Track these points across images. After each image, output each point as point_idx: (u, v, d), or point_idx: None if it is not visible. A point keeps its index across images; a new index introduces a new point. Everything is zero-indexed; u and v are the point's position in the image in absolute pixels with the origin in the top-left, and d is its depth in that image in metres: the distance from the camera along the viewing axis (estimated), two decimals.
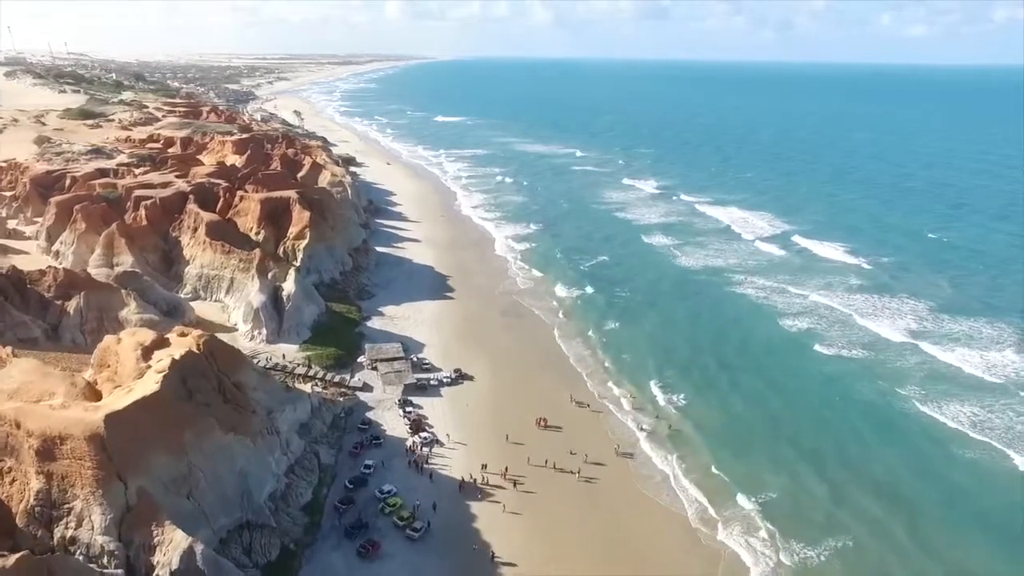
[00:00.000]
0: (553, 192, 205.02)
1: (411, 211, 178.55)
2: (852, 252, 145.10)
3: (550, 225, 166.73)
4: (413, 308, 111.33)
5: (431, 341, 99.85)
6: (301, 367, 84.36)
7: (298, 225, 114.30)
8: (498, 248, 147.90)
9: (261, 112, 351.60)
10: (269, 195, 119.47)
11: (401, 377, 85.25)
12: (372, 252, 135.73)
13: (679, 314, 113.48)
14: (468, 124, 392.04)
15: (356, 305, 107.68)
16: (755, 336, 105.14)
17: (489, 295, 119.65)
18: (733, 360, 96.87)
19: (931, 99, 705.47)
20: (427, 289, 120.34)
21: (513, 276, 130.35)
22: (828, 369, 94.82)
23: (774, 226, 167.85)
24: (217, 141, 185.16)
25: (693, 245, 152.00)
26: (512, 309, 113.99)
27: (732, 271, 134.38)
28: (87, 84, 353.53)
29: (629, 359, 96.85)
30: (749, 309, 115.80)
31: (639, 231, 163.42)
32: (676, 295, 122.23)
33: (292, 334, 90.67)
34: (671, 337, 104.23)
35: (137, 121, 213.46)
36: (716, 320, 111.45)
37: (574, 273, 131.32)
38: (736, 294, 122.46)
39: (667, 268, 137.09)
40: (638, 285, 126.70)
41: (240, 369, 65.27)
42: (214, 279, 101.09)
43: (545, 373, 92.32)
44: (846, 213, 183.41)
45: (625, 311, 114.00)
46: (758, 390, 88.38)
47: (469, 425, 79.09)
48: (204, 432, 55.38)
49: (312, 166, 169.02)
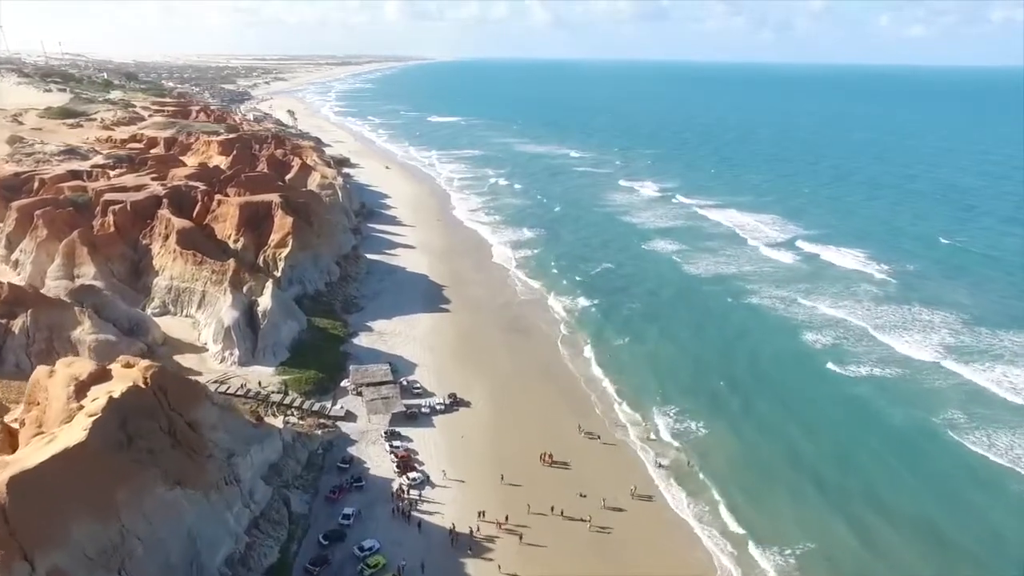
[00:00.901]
0: (552, 195, 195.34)
1: (406, 215, 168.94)
2: (862, 259, 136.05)
3: (549, 230, 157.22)
4: (404, 322, 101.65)
5: (423, 361, 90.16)
6: (276, 394, 74.72)
7: (280, 232, 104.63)
8: (496, 255, 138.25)
9: (255, 112, 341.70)
10: (249, 199, 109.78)
11: (389, 405, 75.59)
12: (362, 260, 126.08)
13: (688, 328, 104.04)
14: (467, 124, 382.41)
15: (342, 320, 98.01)
16: (767, 353, 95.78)
17: (487, 308, 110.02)
18: (747, 382, 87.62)
19: (930, 100, 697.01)
20: (420, 301, 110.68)
21: (512, 286, 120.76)
22: (848, 392, 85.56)
23: (779, 231, 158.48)
24: (202, 141, 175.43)
25: (698, 251, 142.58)
26: (512, 324, 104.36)
27: (739, 280, 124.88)
28: (75, 83, 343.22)
29: (640, 381, 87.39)
30: (759, 322, 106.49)
31: (641, 236, 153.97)
32: (684, 306, 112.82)
33: (268, 355, 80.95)
34: (682, 355, 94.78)
35: (120, 120, 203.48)
36: (726, 335, 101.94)
37: (577, 282, 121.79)
38: (745, 305, 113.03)
39: (673, 276, 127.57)
40: (644, 295, 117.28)
41: (196, 405, 55.60)
42: (184, 292, 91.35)
43: (550, 398, 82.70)
44: (852, 216, 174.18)
45: (633, 325, 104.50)
46: (775, 417, 79.29)
47: (465, 461, 69.48)
48: (143, 488, 45.76)
49: (301, 168, 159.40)
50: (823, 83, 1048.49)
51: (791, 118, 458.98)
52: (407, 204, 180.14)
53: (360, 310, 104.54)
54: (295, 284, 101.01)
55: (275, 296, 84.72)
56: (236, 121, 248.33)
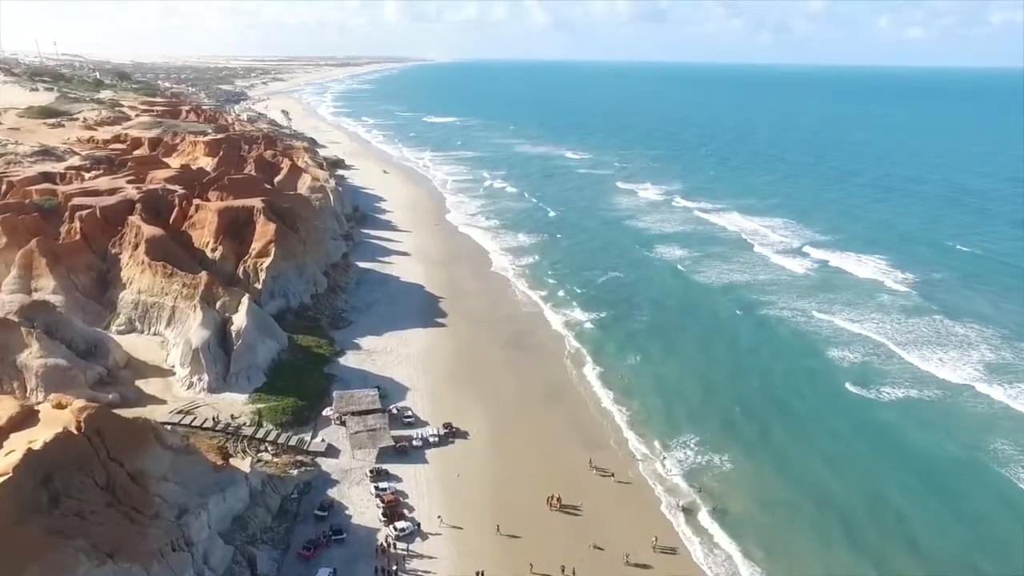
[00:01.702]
0: (551, 198, 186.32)
1: (402, 219, 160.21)
2: (876, 266, 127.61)
3: (549, 235, 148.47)
4: (397, 339, 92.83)
5: (416, 384, 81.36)
6: (248, 426, 65.99)
7: (262, 240, 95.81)
8: (495, 263, 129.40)
9: (249, 112, 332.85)
10: (229, 204, 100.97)
11: (376, 438, 66.80)
12: (353, 268, 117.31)
13: (699, 344, 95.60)
14: (465, 125, 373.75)
15: (328, 337, 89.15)
16: (784, 374, 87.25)
17: (487, 321, 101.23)
18: (765, 407, 79.31)
19: (929, 101, 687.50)
20: (415, 314, 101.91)
21: (513, 297, 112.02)
22: (874, 418, 77.13)
23: (785, 235, 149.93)
24: (188, 142, 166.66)
25: (704, 258, 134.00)
26: (514, 339, 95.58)
27: (749, 290, 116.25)
28: (65, 82, 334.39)
29: (653, 405, 78.86)
30: (773, 338, 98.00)
31: (644, 242, 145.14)
32: (693, 320, 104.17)
33: (241, 380, 72.15)
34: (695, 375, 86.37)
35: (104, 120, 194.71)
36: (739, 352, 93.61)
37: (580, 293, 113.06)
38: (757, 319, 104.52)
39: (680, 286, 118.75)
40: (651, 307, 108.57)
41: (143, 451, 46.88)
42: (153, 308, 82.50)
43: (556, 426, 73.96)
44: (859, 220, 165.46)
45: (642, 341, 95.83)
46: (798, 450, 71.02)
47: (461, 504, 60.74)
48: (62, 567, 37.04)
49: (291, 169, 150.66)
50: (822, 84, 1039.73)
51: (790, 118, 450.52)
52: (403, 207, 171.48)
53: (349, 325, 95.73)
54: (277, 297, 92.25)
55: (251, 313, 75.94)
56: (228, 121, 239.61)
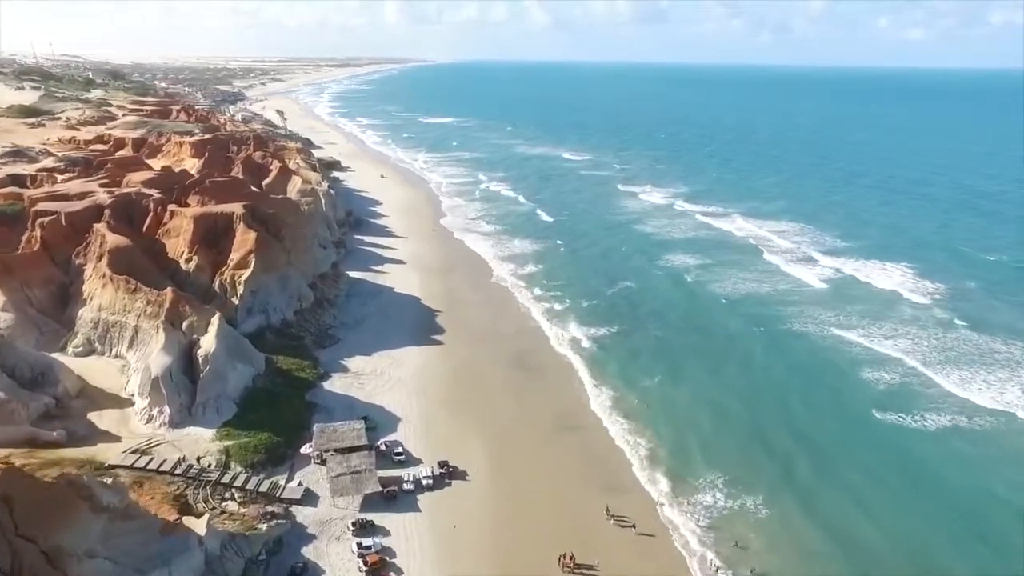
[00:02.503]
0: (552, 201, 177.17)
1: (397, 224, 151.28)
2: (891, 276, 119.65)
3: (551, 242, 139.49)
4: (388, 359, 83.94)
5: (409, 412, 72.50)
6: (214, 468, 57.14)
7: (241, 249, 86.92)
8: (495, 271, 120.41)
9: (243, 113, 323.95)
10: (206, 211, 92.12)
11: (360, 482, 57.90)
12: (343, 279, 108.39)
13: (719, 364, 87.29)
14: (464, 126, 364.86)
15: (312, 358, 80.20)
16: (807, 398, 79.27)
17: (487, 338, 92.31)
18: (792, 438, 71.24)
19: (930, 101, 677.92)
20: (409, 330, 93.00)
21: (515, 310, 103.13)
22: (914, 453, 69.20)
23: (795, 242, 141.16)
24: (174, 143, 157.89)
25: (715, 267, 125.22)
26: (517, 359, 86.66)
27: (763, 303, 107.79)
28: (55, 82, 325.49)
29: (674, 436, 70.57)
30: (792, 357, 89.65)
31: (651, 249, 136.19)
32: (710, 336, 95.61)
33: (209, 412, 63.26)
34: (717, 400, 78.15)
35: (87, 120, 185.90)
36: (761, 374, 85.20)
37: (588, 306, 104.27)
38: (774, 335, 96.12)
39: (693, 299, 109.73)
40: (664, 321, 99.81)
41: (66, 521, 38.05)
42: (114, 327, 73.63)
43: (567, 463, 65.13)
44: (868, 225, 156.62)
45: (659, 360, 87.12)
46: (832, 492, 62.47)
47: (458, 564, 51.93)
48: None
49: (280, 171, 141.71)
50: (822, 85, 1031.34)
51: (791, 119, 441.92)
52: (399, 211, 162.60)
53: (336, 343, 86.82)
54: (256, 314, 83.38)
55: (222, 335, 67.07)
56: (220, 122, 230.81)
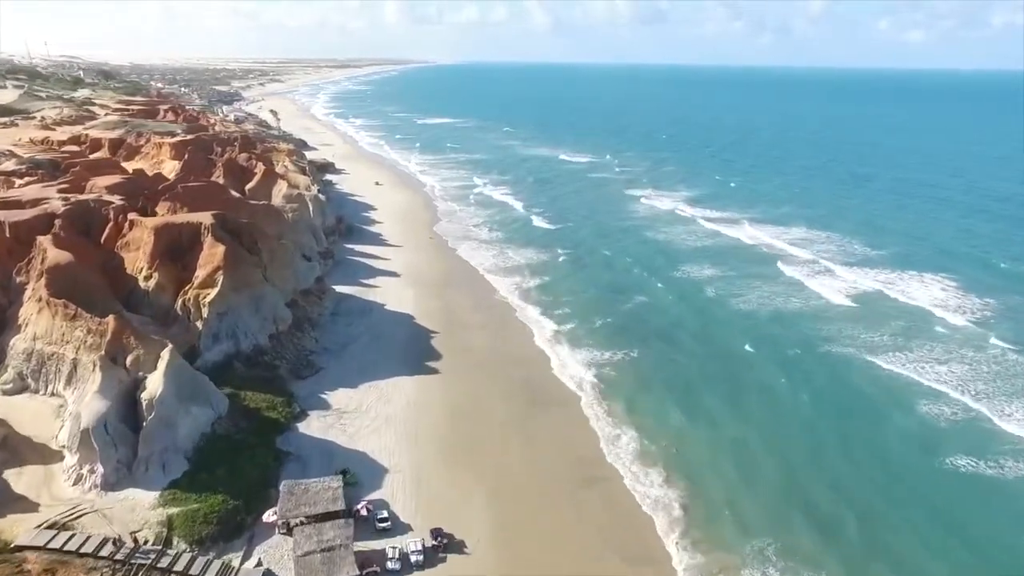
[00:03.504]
0: (556, 207, 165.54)
1: (392, 231, 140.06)
2: (922, 291, 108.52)
3: (556, 251, 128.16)
4: (376, 392, 72.78)
5: (398, 461, 61.31)
6: (151, 545, 45.91)
7: (207, 266, 75.75)
8: (497, 286, 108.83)
9: (236, 113, 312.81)
10: (169, 221, 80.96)
11: (333, 562, 46.66)
12: (329, 295, 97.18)
13: (750, 396, 76.56)
14: (464, 127, 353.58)
15: (286, 392, 69.05)
16: (858, 440, 68.21)
17: (489, 365, 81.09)
18: (846, 491, 59.94)
19: (932, 102, 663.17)
20: (400, 356, 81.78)
21: (519, 331, 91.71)
22: (1000, 509, 57.52)
23: (812, 252, 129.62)
24: (153, 144, 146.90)
25: (731, 280, 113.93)
26: (524, 390, 75.42)
27: (787, 322, 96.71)
28: (43, 81, 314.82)
29: (713, 491, 59.56)
30: (832, 388, 78.68)
31: (663, 260, 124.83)
32: (737, 362, 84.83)
33: (152, 470, 52.08)
34: (755, 442, 67.52)
35: (64, 120, 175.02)
36: (801, 409, 74.17)
37: (600, 325, 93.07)
38: (808, 362, 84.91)
39: (714, 317, 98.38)
40: (687, 346, 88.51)
41: None
42: (51, 359, 62.44)
43: (588, 530, 53.90)
44: (885, 232, 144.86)
45: (685, 392, 76.14)
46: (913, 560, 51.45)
47: None
48: None
49: (264, 175, 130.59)
50: (823, 86, 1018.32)
51: (793, 120, 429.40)
52: (395, 217, 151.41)
53: (316, 373, 75.62)
54: (223, 340, 72.22)
55: (173, 372, 55.93)
56: (209, 122, 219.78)
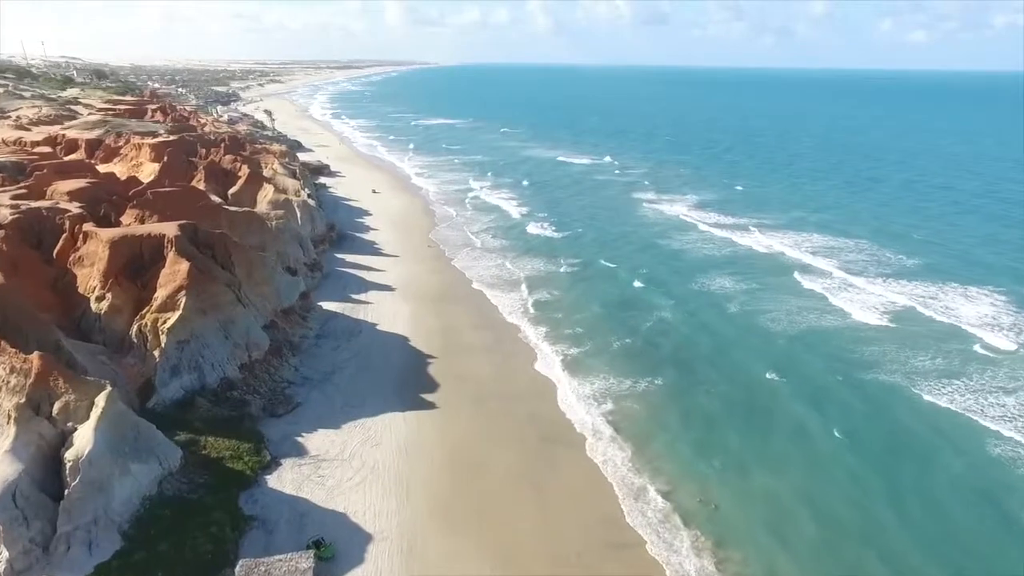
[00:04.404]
0: (560, 213, 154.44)
1: (388, 240, 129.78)
2: (956, 308, 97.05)
3: (561, 261, 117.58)
4: (362, 432, 62.44)
5: (385, 525, 50.84)
6: None
7: (168, 285, 65.45)
8: (499, 301, 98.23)
9: (231, 113, 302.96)
10: (127, 233, 70.59)
11: None
12: (314, 313, 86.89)
13: (789, 434, 65.30)
14: (465, 128, 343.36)
15: (255, 435, 58.57)
16: (909, 497, 56.70)
17: (494, 397, 70.58)
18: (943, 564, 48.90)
19: (936, 103, 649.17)
20: (392, 387, 71.36)
21: (525, 355, 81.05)
22: None
23: (832, 263, 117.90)
24: (132, 145, 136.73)
25: (750, 295, 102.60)
26: (533, 429, 64.93)
27: (818, 346, 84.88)
28: (31, 80, 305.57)
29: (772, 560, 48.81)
30: (881, 425, 67.31)
31: (674, 272, 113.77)
32: (764, 392, 73.52)
33: (76, 550, 41.70)
34: (811, 497, 55.90)
35: (42, 119, 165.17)
36: (851, 451, 62.59)
37: (616, 348, 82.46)
38: (836, 390, 73.85)
39: (732, 337, 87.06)
40: (704, 370, 77.80)
41: None
42: None
43: None
44: (905, 240, 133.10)
45: (718, 431, 65.45)
46: None
47: None
48: None
49: (249, 179, 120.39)
50: (825, 87, 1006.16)
51: (796, 121, 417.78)
52: (391, 224, 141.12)
53: (294, 409, 65.20)
54: (185, 373, 61.90)
55: (109, 422, 45.63)
56: (200, 122, 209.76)
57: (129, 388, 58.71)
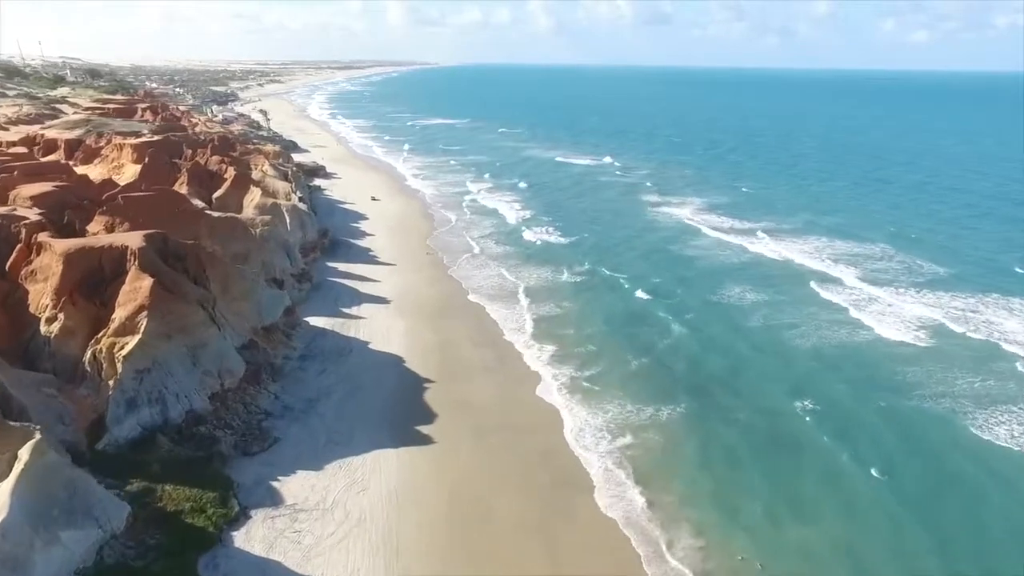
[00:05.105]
0: (565, 217, 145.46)
1: (384, 246, 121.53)
2: (988, 324, 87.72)
3: (564, 270, 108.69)
4: (347, 475, 54.27)
5: None
6: None
7: (128, 304, 57.26)
8: (501, 316, 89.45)
9: (226, 113, 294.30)
10: (85, 244, 62.35)
11: None
12: (299, 331, 78.63)
13: (816, 477, 56.44)
14: (465, 128, 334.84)
15: (223, 481, 50.45)
16: (961, 554, 48.10)
17: (496, 429, 62.32)
18: None
19: (939, 104, 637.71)
20: (383, 418, 63.12)
21: (530, 379, 72.68)
22: None
23: (848, 270, 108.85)
24: (114, 145, 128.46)
25: (769, 308, 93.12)
26: (541, 469, 56.74)
27: (839, 366, 75.71)
28: (20, 79, 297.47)
29: None
30: (911, 466, 58.28)
31: (685, 282, 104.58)
32: (790, 422, 64.69)
33: None
34: (833, 560, 47.48)
35: (22, 119, 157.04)
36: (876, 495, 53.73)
37: (626, 371, 73.49)
38: (870, 420, 64.65)
39: (751, 359, 77.48)
40: (727, 397, 68.61)
41: None
42: None
43: None
44: (923, 246, 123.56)
45: (736, 468, 57.02)
46: None
47: None
48: None
49: (235, 182, 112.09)
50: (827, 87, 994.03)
51: (799, 121, 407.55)
52: (388, 229, 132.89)
53: (270, 447, 56.98)
54: (144, 406, 53.73)
55: (32, 480, 37.48)
56: (191, 122, 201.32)
57: (78, 426, 50.59)
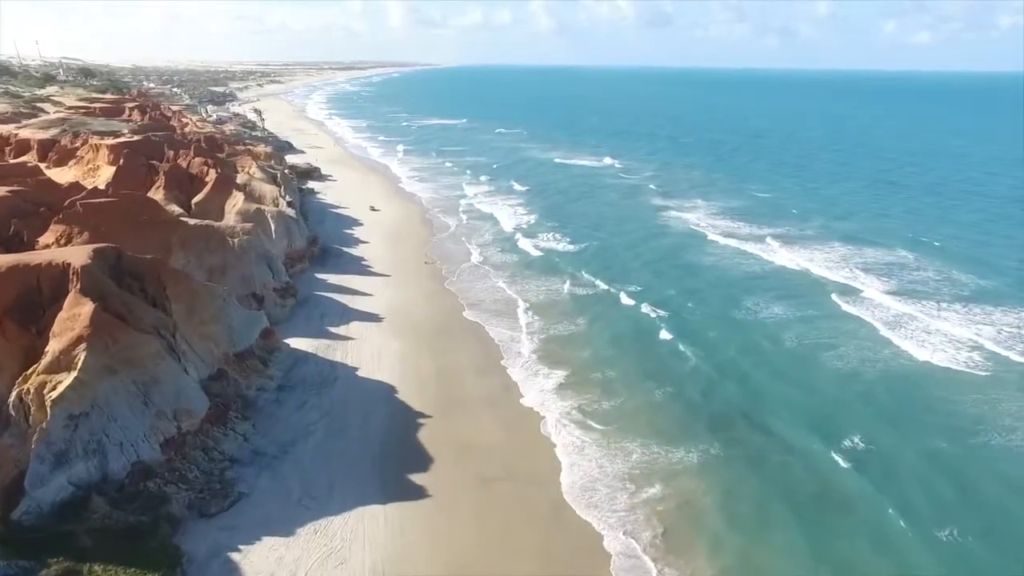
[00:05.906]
0: (571, 223, 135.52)
1: (379, 255, 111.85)
2: None
3: (569, 282, 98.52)
4: (323, 544, 44.63)
5: None
6: None
7: (64, 335, 47.71)
8: (505, 338, 79.29)
9: (221, 113, 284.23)
10: (18, 262, 52.65)
11: None
12: (278, 356, 68.91)
13: (867, 544, 46.48)
14: (465, 129, 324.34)
15: (170, 556, 40.84)
16: None
17: (502, 480, 52.39)
18: None
19: (942, 104, 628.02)
20: (370, 465, 53.36)
21: (540, 415, 63.26)
22: None
23: (872, 283, 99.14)
24: (90, 146, 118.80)
25: (792, 328, 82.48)
26: (555, 523, 47.52)
27: (879, 401, 65.45)
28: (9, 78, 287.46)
29: None
30: (978, 530, 48.23)
31: (697, 297, 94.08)
32: (831, 471, 54.73)
33: None
34: None
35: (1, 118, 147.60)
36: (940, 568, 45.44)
37: (639, 407, 63.37)
38: (918, 469, 55.06)
39: (778, 393, 66.90)
40: (757, 439, 58.51)
41: None
42: None
43: None
44: (952, 257, 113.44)
45: (773, 532, 48.00)
46: None
47: None
48: None
49: (216, 185, 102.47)
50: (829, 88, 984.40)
51: (801, 121, 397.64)
52: (383, 237, 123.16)
53: (231, 505, 47.46)
54: (80, 460, 44.10)
55: None
56: (181, 122, 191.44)
57: None
